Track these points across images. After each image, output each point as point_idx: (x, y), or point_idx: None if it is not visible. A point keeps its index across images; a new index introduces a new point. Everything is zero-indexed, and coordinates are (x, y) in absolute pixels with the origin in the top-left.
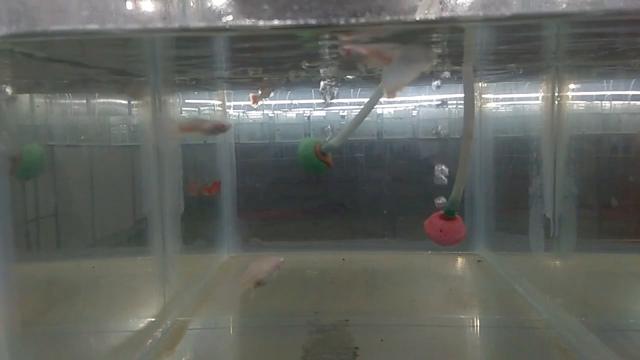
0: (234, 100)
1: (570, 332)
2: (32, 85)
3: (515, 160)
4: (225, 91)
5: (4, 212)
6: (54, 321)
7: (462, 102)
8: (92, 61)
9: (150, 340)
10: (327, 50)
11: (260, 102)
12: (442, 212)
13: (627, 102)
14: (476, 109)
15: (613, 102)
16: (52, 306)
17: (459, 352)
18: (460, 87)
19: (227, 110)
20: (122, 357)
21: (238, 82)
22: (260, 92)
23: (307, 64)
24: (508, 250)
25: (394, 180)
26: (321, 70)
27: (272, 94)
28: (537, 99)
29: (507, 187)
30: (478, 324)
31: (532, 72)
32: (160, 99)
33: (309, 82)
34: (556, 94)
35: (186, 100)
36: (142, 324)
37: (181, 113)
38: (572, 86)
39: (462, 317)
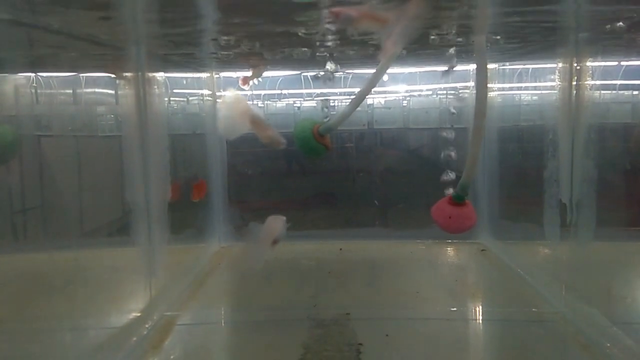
0: (222, 90)
1: (591, 325)
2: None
3: (525, 143)
4: (214, 77)
5: None
6: (29, 318)
7: (453, 91)
8: (69, 29)
9: (135, 338)
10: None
11: (251, 83)
12: (450, 197)
13: None
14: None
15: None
16: (27, 302)
17: (471, 348)
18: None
19: (218, 100)
20: (104, 355)
21: (227, 60)
22: (251, 72)
23: (303, 31)
24: (515, 239)
25: (385, 170)
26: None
27: (264, 73)
28: (552, 74)
29: (514, 172)
30: (489, 317)
31: (548, 47)
32: (145, 75)
33: (304, 60)
34: (575, 68)
35: (174, 90)
36: (126, 319)
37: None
38: (593, 60)
39: (471, 309)
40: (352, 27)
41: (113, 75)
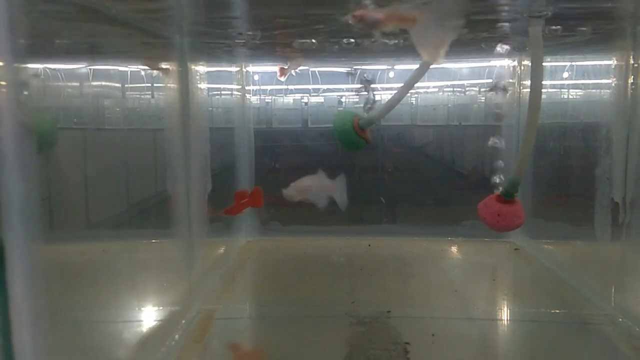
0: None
1: None
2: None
3: (568, 140)
4: (244, 71)
5: (30, 187)
6: (71, 309)
7: (460, 88)
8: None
9: (176, 332)
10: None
11: (287, 75)
12: (498, 194)
13: None
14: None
15: None
16: (68, 293)
17: (522, 350)
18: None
19: (247, 95)
20: (147, 349)
21: (262, 50)
22: (288, 63)
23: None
24: (552, 238)
25: (393, 168)
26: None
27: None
28: (606, 69)
29: (552, 170)
30: (534, 319)
31: (602, 40)
32: (187, 66)
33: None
34: (632, 65)
35: (199, 86)
36: (167, 312)
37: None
38: None
39: (514, 310)
40: (377, 30)
41: (148, 68)
